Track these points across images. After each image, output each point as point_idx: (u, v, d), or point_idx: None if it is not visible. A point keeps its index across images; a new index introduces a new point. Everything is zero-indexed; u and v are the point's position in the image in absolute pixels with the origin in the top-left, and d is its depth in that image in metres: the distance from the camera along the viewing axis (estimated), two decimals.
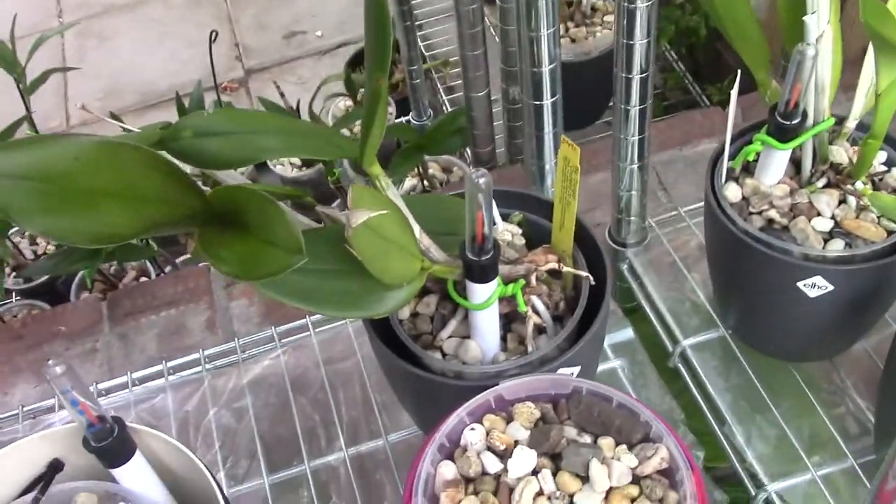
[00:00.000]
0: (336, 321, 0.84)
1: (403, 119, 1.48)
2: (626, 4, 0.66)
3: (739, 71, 0.63)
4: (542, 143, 0.75)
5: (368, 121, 0.53)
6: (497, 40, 1.07)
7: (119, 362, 0.98)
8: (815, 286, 0.64)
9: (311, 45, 1.90)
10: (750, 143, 0.66)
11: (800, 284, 0.64)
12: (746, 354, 0.75)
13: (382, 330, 0.62)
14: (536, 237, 0.66)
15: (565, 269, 0.61)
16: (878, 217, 0.65)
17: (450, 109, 1.51)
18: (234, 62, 1.92)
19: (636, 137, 0.75)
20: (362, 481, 0.72)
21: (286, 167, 1.47)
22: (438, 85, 1.68)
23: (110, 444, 0.53)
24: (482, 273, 0.56)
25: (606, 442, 0.50)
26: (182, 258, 1.30)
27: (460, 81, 1.09)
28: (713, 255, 0.73)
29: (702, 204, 0.90)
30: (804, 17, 0.60)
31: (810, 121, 0.64)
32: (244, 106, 1.76)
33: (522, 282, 0.59)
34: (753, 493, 0.69)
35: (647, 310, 0.82)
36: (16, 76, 1.16)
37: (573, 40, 1.44)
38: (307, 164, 1.46)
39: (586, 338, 0.60)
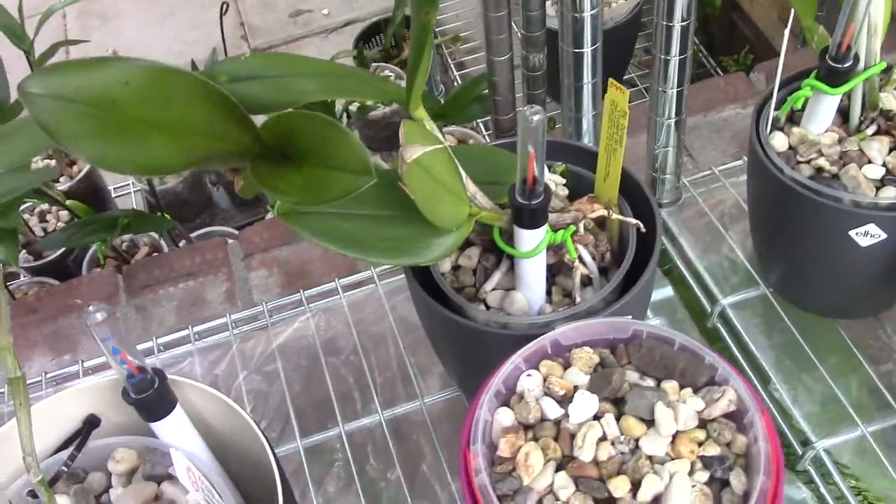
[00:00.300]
0: (366, 285, 0.83)
1: None
2: None
3: (793, 11, 0.61)
4: (581, 93, 0.73)
5: (416, 58, 0.51)
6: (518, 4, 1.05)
7: (138, 334, 0.96)
8: (868, 234, 0.62)
9: (318, 24, 1.87)
10: (798, 89, 0.64)
11: (852, 233, 0.62)
12: (789, 312, 0.73)
13: (423, 283, 0.60)
14: (579, 189, 0.64)
15: (614, 215, 0.59)
16: None
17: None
18: (239, 41, 1.89)
19: (675, 90, 0.73)
20: (399, 444, 0.70)
21: None
22: (449, 61, 1.66)
23: (151, 395, 0.51)
24: (532, 218, 0.54)
25: (670, 385, 0.48)
26: (197, 232, 1.28)
27: (471, 57, 1.07)
28: (757, 209, 0.72)
29: (736, 163, 0.89)
30: None
31: (861, 65, 0.62)
32: None
33: (573, 228, 0.57)
34: (801, 452, 0.67)
35: (684, 270, 0.80)
36: (25, 48, 1.15)
37: None
38: None
39: (634, 290, 0.58)
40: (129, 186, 1.51)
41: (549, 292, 0.61)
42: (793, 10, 0.66)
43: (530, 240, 0.56)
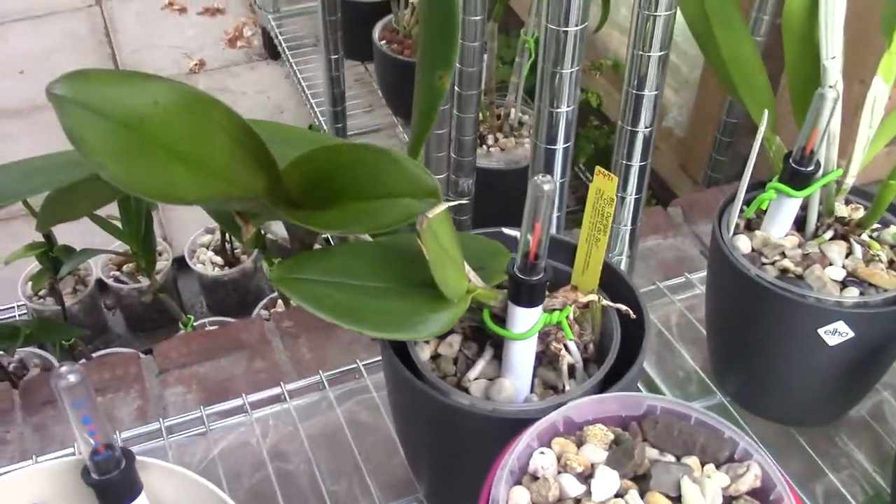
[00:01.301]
0: (312, 392, 0.78)
1: None
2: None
3: (767, 112, 0.63)
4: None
5: (422, 124, 0.50)
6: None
7: (35, 455, 0.86)
8: (837, 332, 0.63)
9: None
10: (762, 189, 0.67)
11: (821, 331, 0.63)
12: (748, 421, 0.73)
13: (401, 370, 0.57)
14: (554, 282, 0.63)
15: (603, 301, 0.58)
16: (888, 264, 0.66)
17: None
18: None
19: (633, 197, 0.75)
20: None
21: (206, 266, 1.40)
22: None
23: (116, 477, 0.45)
24: (531, 295, 0.53)
25: (692, 461, 0.46)
26: (99, 353, 1.19)
27: None
28: (718, 313, 0.72)
29: (678, 279, 0.91)
30: (824, 62, 0.62)
31: (820, 172, 0.66)
32: None
33: (569, 308, 0.56)
34: None
35: (640, 383, 0.79)
36: None
37: (503, 149, 1.47)
38: (230, 263, 1.38)
39: (628, 376, 0.56)
40: (14, 309, 1.41)
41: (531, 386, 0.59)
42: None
43: (526, 319, 0.54)
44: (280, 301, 1.23)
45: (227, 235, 1.37)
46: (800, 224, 0.69)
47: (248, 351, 0.97)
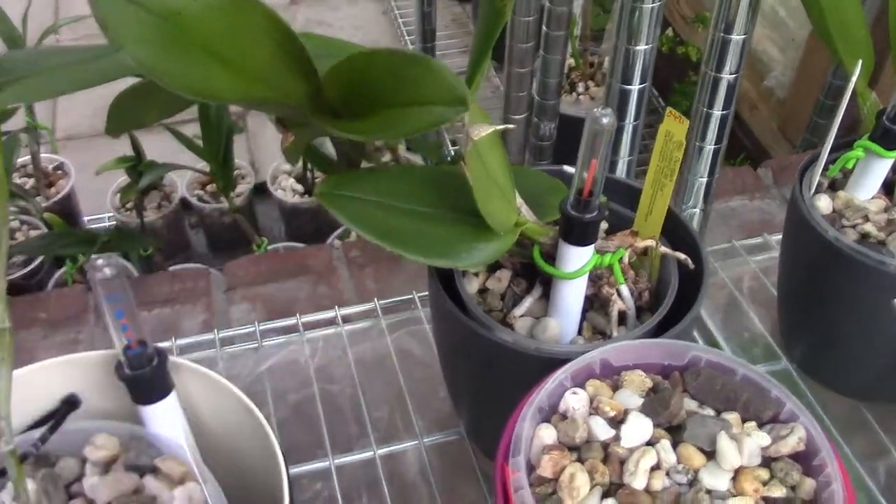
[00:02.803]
0: (367, 318, 0.78)
1: None
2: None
3: (861, 62, 0.59)
4: (622, 133, 0.71)
5: (482, 44, 0.48)
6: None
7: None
8: None
9: None
10: (851, 148, 0.62)
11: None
12: (813, 390, 0.69)
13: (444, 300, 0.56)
14: (616, 227, 0.61)
15: (662, 248, 0.56)
16: None
17: None
18: None
19: (712, 147, 0.71)
20: (393, 486, 0.64)
21: (287, 192, 1.41)
22: None
23: (147, 373, 0.45)
24: (583, 233, 0.51)
25: (732, 417, 0.44)
26: (175, 267, 1.22)
27: None
28: (791, 275, 0.69)
29: (755, 240, 0.87)
30: None
31: None
32: None
33: (622, 251, 0.54)
34: None
35: (702, 341, 0.76)
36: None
37: (592, 98, 1.43)
38: (310, 192, 1.39)
39: (679, 327, 0.54)
40: (104, 220, 1.45)
41: (579, 329, 0.57)
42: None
43: (577, 259, 0.52)
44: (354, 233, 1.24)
45: (308, 164, 1.37)
46: (888, 189, 0.65)
47: (315, 276, 0.98)
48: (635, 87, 0.64)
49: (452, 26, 1.96)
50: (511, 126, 0.47)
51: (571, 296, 0.54)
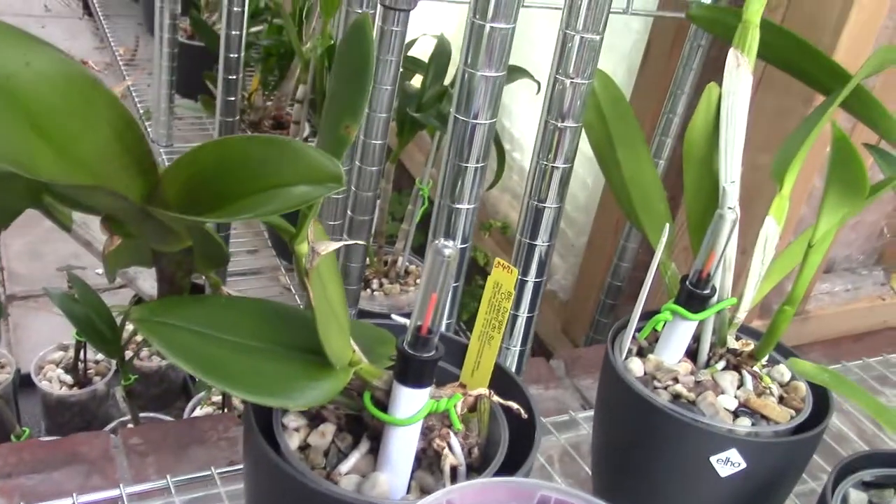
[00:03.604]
0: (155, 498, 0.69)
1: None
2: None
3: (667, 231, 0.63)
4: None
5: None
6: None
7: None
8: (729, 462, 0.60)
9: (90, 282, 1.75)
10: (658, 312, 0.65)
11: (713, 459, 0.60)
12: None
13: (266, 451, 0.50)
14: (442, 383, 0.59)
15: (495, 397, 0.54)
16: (779, 398, 0.64)
17: None
18: None
19: (517, 349, 0.73)
20: None
21: (54, 383, 1.28)
22: None
23: None
24: (420, 373, 0.48)
25: None
26: None
27: None
28: (608, 441, 0.69)
29: (562, 417, 0.87)
30: (724, 185, 0.62)
31: (716, 297, 0.65)
32: None
33: (459, 395, 0.51)
34: None
35: None
36: None
37: (387, 294, 1.44)
38: (81, 383, 1.27)
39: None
40: None
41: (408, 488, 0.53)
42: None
43: (412, 403, 0.49)
44: (130, 425, 1.13)
45: (80, 353, 1.26)
46: (692, 355, 0.68)
47: (87, 466, 0.87)
48: (458, 247, 0.65)
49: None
50: (351, 241, 0.45)
51: (404, 447, 0.51)
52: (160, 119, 1.99)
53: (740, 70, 0.63)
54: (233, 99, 1.27)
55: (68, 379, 1.27)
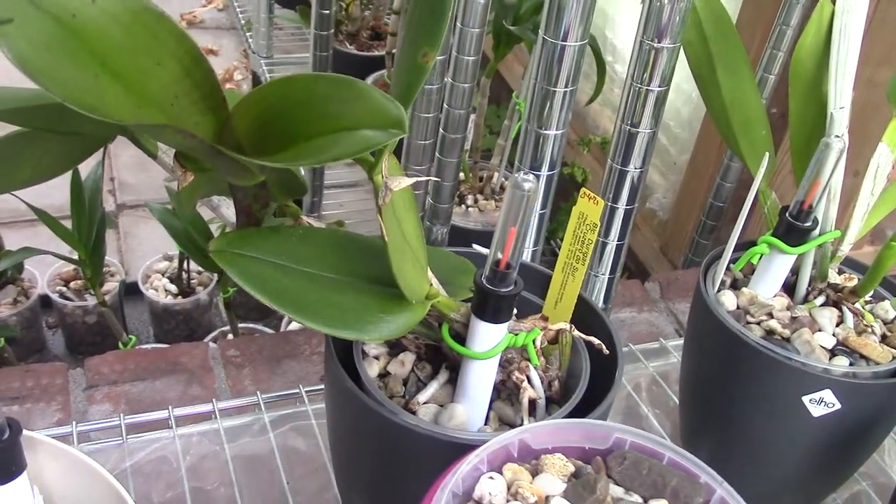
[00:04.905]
0: (245, 413, 0.71)
1: None
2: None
3: (767, 154, 0.60)
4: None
5: (402, 102, 0.45)
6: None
7: None
8: (823, 402, 0.58)
9: None
10: (755, 244, 0.62)
11: (805, 399, 0.58)
12: None
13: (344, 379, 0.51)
14: (524, 313, 0.58)
15: (576, 332, 0.53)
16: (882, 337, 0.61)
17: None
18: (105, 195, 1.79)
19: (615, 243, 0.70)
20: None
21: (159, 293, 1.33)
22: None
23: None
24: (497, 308, 0.47)
25: None
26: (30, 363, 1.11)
27: None
28: (697, 374, 0.67)
29: (652, 344, 0.86)
30: (832, 111, 0.58)
31: (818, 230, 0.61)
32: None
33: (537, 331, 0.50)
34: None
35: None
36: None
37: (481, 211, 1.43)
38: (184, 293, 1.32)
39: (595, 413, 0.51)
40: None
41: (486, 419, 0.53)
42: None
43: (490, 337, 0.48)
44: (231, 335, 1.17)
45: (184, 263, 1.31)
46: (789, 289, 0.65)
47: (187, 375, 0.90)
48: (544, 174, 0.63)
49: None
50: (432, 178, 0.44)
51: (481, 380, 0.50)
52: (260, 30, 2.00)
53: None
54: (327, 12, 1.25)
55: (173, 288, 1.32)
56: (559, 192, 0.67)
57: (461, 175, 1.46)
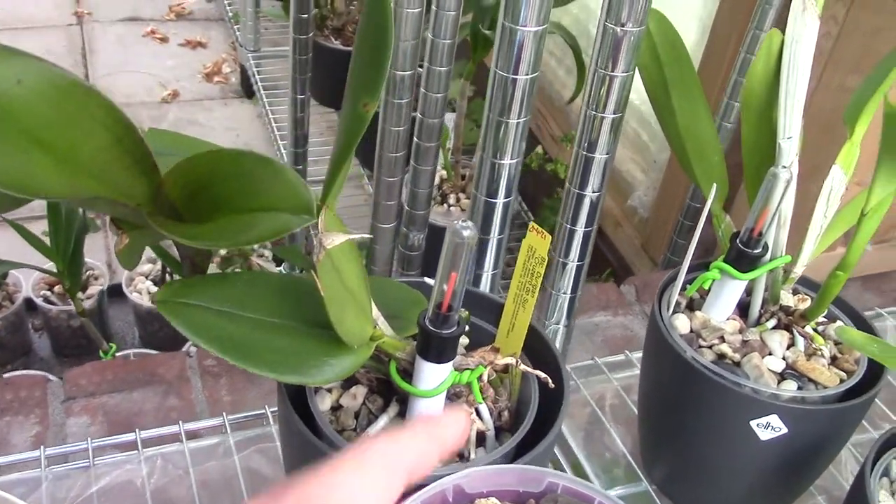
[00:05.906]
0: (212, 435, 0.72)
1: None
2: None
3: (715, 186, 0.61)
4: (486, 247, 0.70)
5: (343, 150, 0.46)
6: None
7: None
8: (769, 427, 0.59)
9: None
10: (707, 269, 0.63)
11: (753, 424, 0.59)
12: None
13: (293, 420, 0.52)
14: (477, 342, 0.59)
15: (522, 366, 0.54)
16: (832, 359, 0.62)
17: None
18: None
19: (568, 295, 0.71)
20: None
21: (143, 296, 1.34)
22: None
23: None
24: (440, 349, 0.49)
25: None
26: (11, 374, 1.13)
27: None
28: (651, 395, 0.68)
29: (617, 357, 0.87)
30: (780, 141, 0.59)
31: (768, 256, 0.62)
32: None
33: (481, 369, 0.52)
34: None
35: (562, 459, 0.75)
36: None
37: (463, 210, 1.44)
38: None
39: (538, 449, 0.52)
40: None
41: None
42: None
43: (434, 376, 0.50)
44: None
45: (167, 267, 1.32)
46: (743, 310, 0.66)
47: (165, 386, 0.92)
48: (500, 201, 0.64)
49: (327, 133, 1.97)
50: (366, 235, 0.45)
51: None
52: (247, 23, 2.00)
53: (806, 15, 0.59)
54: (305, 16, 1.26)
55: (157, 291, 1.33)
56: (542, 188, 0.68)
57: (444, 173, 1.47)
